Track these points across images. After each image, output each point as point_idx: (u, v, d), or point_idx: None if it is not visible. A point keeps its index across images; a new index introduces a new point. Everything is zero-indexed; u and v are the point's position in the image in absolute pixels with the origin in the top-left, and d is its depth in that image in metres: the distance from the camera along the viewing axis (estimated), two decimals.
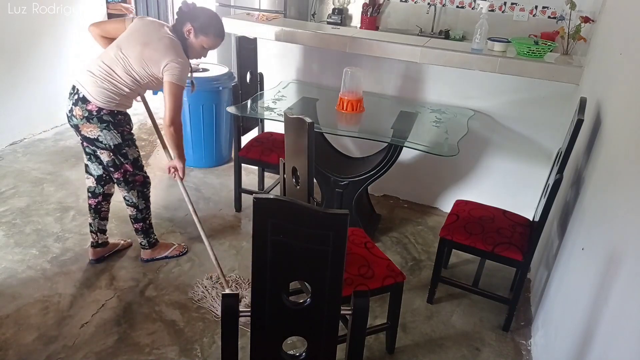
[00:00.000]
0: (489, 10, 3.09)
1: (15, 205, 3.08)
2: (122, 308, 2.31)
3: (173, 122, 2.22)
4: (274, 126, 3.03)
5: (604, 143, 1.89)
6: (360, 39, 2.96)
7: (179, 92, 2.19)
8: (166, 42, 2.18)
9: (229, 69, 3.72)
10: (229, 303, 1.33)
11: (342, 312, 1.34)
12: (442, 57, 2.79)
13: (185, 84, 2.22)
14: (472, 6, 4.64)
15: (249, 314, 1.34)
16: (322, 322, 1.35)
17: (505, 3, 4.49)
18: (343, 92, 2.75)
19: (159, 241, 2.67)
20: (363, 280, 1.90)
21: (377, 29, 4.92)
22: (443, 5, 4.74)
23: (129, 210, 2.51)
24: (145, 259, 2.62)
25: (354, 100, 2.73)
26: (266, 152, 2.97)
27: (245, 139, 3.10)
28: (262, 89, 3.21)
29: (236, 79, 3.01)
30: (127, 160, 2.33)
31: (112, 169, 2.34)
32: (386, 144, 2.63)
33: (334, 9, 5.03)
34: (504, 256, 2.18)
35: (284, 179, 2.12)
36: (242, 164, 3.08)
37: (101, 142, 2.24)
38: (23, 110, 3.98)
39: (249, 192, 3.12)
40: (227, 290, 2.52)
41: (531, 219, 2.39)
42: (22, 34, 3.84)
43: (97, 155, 2.34)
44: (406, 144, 2.47)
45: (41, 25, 3.94)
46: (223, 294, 1.34)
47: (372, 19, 4.88)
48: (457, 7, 4.70)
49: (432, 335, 2.28)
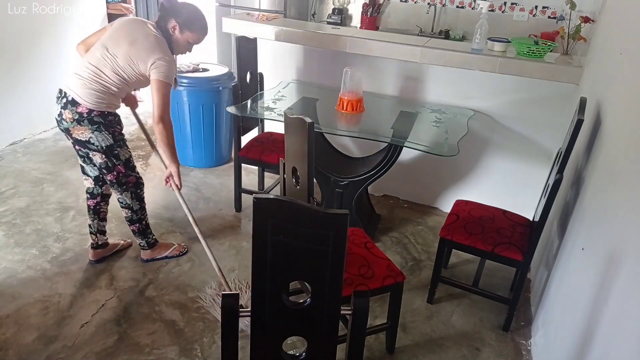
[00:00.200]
0: (489, 10, 3.08)
1: (15, 205, 3.08)
2: (122, 308, 2.31)
3: (162, 119, 2.22)
4: (274, 126, 3.03)
5: (604, 143, 1.89)
6: (360, 39, 2.96)
7: (166, 90, 2.20)
8: (152, 40, 2.19)
9: (229, 69, 3.72)
10: (229, 303, 1.33)
11: (342, 312, 1.34)
12: (442, 57, 2.79)
13: (172, 82, 2.23)
14: (472, 6, 4.64)
15: (249, 314, 1.34)
16: (322, 322, 1.35)
17: (505, 3, 4.49)
18: (343, 92, 2.75)
19: (158, 241, 2.67)
20: (363, 280, 1.90)
21: (377, 29, 4.92)
22: (443, 5, 4.73)
23: (123, 213, 2.52)
24: (145, 259, 2.62)
25: (354, 100, 2.73)
26: (266, 152, 2.97)
27: (245, 139, 3.10)
28: (262, 89, 3.21)
29: (236, 79, 3.01)
30: (119, 162, 2.33)
31: (105, 171, 2.34)
32: (386, 144, 2.63)
33: (334, 9, 5.03)
34: (504, 256, 2.18)
35: (284, 179, 2.12)
36: (242, 164, 3.08)
37: (93, 144, 2.23)
38: (23, 110, 3.98)
39: (249, 192, 3.12)
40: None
41: (531, 219, 2.39)
42: (22, 34, 3.84)
43: (91, 157, 2.34)
44: (406, 144, 2.47)
45: (41, 25, 3.94)
46: (223, 294, 1.34)
47: (372, 19, 4.88)
48: (457, 7, 4.70)
49: (432, 335, 2.28)
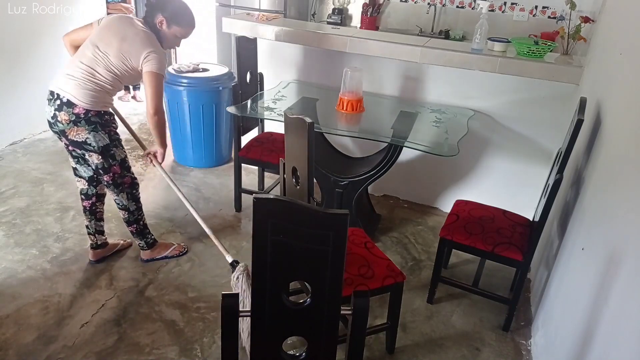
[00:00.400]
0: (489, 10, 3.08)
1: (15, 205, 3.08)
2: (122, 308, 2.31)
3: (157, 111, 2.27)
4: (274, 126, 3.03)
5: (604, 143, 1.89)
6: (360, 39, 2.95)
7: (160, 81, 2.24)
8: (142, 35, 2.22)
9: (229, 69, 3.72)
10: (229, 303, 1.33)
11: (342, 312, 1.34)
12: (442, 57, 2.79)
13: (164, 74, 2.27)
14: (472, 6, 4.63)
15: (249, 314, 1.34)
16: (322, 322, 1.35)
17: (505, 3, 4.49)
18: (343, 92, 2.75)
19: (158, 241, 2.67)
20: (363, 280, 1.90)
21: (377, 29, 4.92)
22: (443, 5, 4.73)
23: (121, 214, 2.51)
24: (144, 259, 2.62)
25: (354, 100, 2.73)
26: (266, 152, 2.97)
27: (245, 139, 3.10)
28: (262, 89, 3.21)
29: (236, 79, 3.01)
30: (115, 162, 2.33)
31: (101, 171, 2.33)
32: (386, 144, 2.63)
33: (334, 9, 5.03)
34: (504, 256, 2.18)
35: (284, 179, 2.12)
36: (242, 164, 3.08)
37: (89, 144, 2.23)
38: (23, 110, 3.97)
39: (249, 192, 3.12)
40: (228, 258, 2.44)
41: (531, 219, 2.39)
42: (22, 34, 3.84)
43: (86, 157, 2.34)
44: (406, 144, 2.47)
45: (41, 25, 3.94)
46: (223, 294, 1.34)
47: (372, 19, 4.87)
48: (457, 7, 4.69)
49: (432, 335, 2.28)
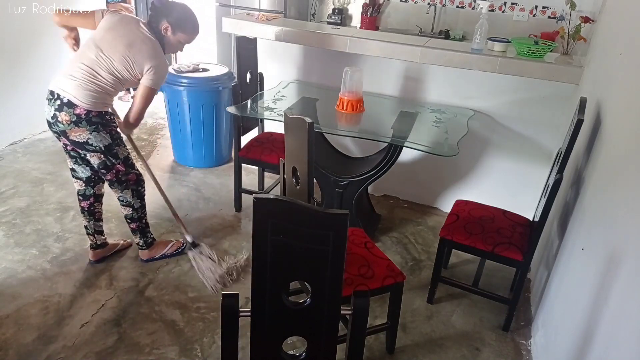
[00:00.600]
0: (489, 10, 3.08)
1: (15, 205, 3.08)
2: (122, 308, 2.31)
3: (137, 122, 2.33)
4: (274, 126, 3.03)
5: (604, 143, 1.89)
6: (360, 39, 2.95)
7: (152, 96, 2.29)
8: (148, 44, 2.22)
9: (229, 69, 3.72)
10: (229, 303, 1.33)
11: (342, 312, 1.34)
12: (442, 57, 2.79)
13: (159, 87, 2.30)
14: (472, 6, 4.63)
15: (249, 314, 1.34)
16: (322, 322, 1.35)
17: (505, 3, 4.49)
18: (343, 92, 2.75)
19: (156, 240, 2.67)
20: (363, 280, 1.90)
21: (377, 29, 4.91)
22: (443, 5, 4.73)
23: (124, 211, 2.51)
24: (144, 259, 2.62)
25: (354, 100, 2.73)
26: (266, 152, 2.97)
27: (245, 139, 3.10)
28: (262, 89, 3.21)
29: (236, 79, 3.01)
30: (118, 160, 2.33)
31: (103, 171, 2.33)
32: (386, 144, 2.63)
33: (334, 9, 5.03)
34: (504, 256, 2.18)
35: (284, 179, 2.12)
36: (242, 164, 3.08)
37: (91, 144, 2.22)
38: (23, 110, 3.98)
39: (249, 192, 3.12)
40: (187, 237, 2.68)
41: (531, 219, 2.39)
42: (22, 34, 3.84)
43: (84, 157, 2.35)
44: (406, 144, 2.47)
45: (41, 25, 3.93)
46: (223, 294, 1.34)
47: (372, 19, 4.87)
48: (457, 7, 4.69)
49: (432, 335, 2.28)
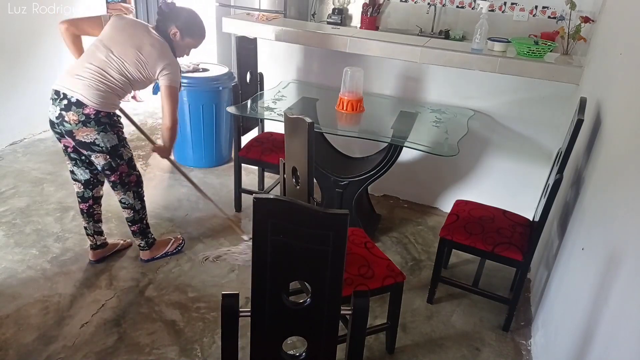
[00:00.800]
0: (489, 10, 3.08)
1: (15, 205, 3.08)
2: (122, 308, 2.31)
3: (174, 124, 2.36)
4: (274, 126, 3.03)
5: (604, 143, 1.89)
6: (360, 39, 2.95)
7: (177, 95, 2.33)
8: (158, 46, 2.25)
9: (229, 69, 3.72)
10: (229, 303, 1.33)
11: (342, 312, 1.34)
12: (442, 57, 2.79)
13: (179, 85, 2.34)
14: (472, 6, 4.63)
15: (249, 314, 1.34)
16: (322, 322, 1.35)
17: (505, 3, 4.49)
18: (343, 92, 2.75)
19: (156, 239, 2.67)
20: (363, 280, 1.90)
21: (377, 29, 4.92)
22: (443, 5, 4.73)
23: (125, 213, 2.51)
24: (144, 259, 2.62)
25: (354, 100, 2.73)
26: (266, 152, 2.97)
27: (245, 139, 3.10)
28: (262, 89, 3.21)
29: (236, 79, 3.01)
30: (122, 161, 2.33)
31: (108, 172, 2.33)
32: (386, 144, 2.63)
33: (334, 9, 5.03)
34: (504, 256, 2.18)
35: (284, 179, 2.12)
36: (242, 164, 3.08)
37: (98, 145, 2.22)
38: (23, 110, 3.98)
39: (249, 192, 3.12)
40: (244, 237, 2.77)
41: (531, 219, 2.39)
42: (22, 34, 3.84)
43: (84, 160, 2.35)
44: (406, 144, 2.47)
45: (41, 25, 3.93)
46: (223, 294, 1.34)
47: (372, 19, 4.88)
48: (457, 7, 4.70)
49: (432, 335, 2.28)
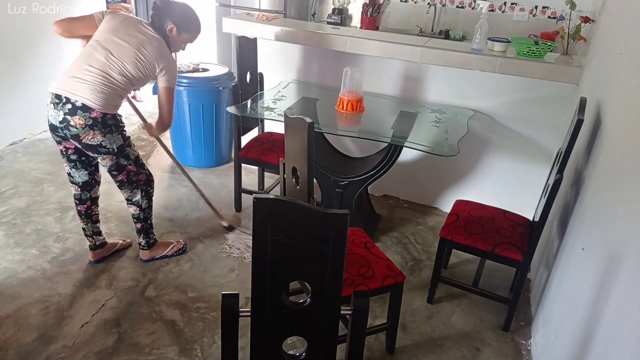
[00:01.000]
0: (489, 10, 3.09)
1: (15, 205, 3.08)
2: (122, 308, 2.31)
3: (171, 122, 2.40)
4: (274, 126, 3.03)
5: (604, 143, 1.89)
6: (360, 39, 2.95)
7: (172, 94, 2.39)
8: (156, 44, 2.26)
9: (229, 69, 3.72)
10: (229, 303, 1.33)
11: (342, 312, 1.34)
12: (442, 57, 2.79)
13: (175, 84, 2.37)
14: (472, 6, 4.63)
15: (249, 314, 1.34)
16: (322, 322, 1.35)
17: (505, 3, 4.49)
18: (343, 92, 2.75)
19: (157, 240, 2.67)
20: (363, 280, 1.90)
21: (377, 29, 4.92)
22: (443, 5, 4.73)
23: (131, 209, 2.50)
24: (144, 259, 2.62)
25: (354, 100, 2.73)
26: (266, 152, 2.97)
27: (245, 139, 3.10)
28: (262, 89, 3.21)
29: (236, 79, 3.01)
30: (129, 161, 2.34)
31: (115, 172, 2.33)
32: (386, 144, 2.63)
33: (334, 9, 5.03)
34: (504, 256, 2.18)
35: (284, 179, 2.12)
36: (242, 164, 3.08)
37: (104, 146, 2.22)
38: (23, 110, 3.98)
39: (249, 192, 3.12)
40: (224, 223, 2.87)
41: (531, 219, 2.39)
42: (22, 34, 3.84)
43: (84, 161, 2.35)
44: (406, 144, 2.47)
45: (41, 25, 3.93)
46: (223, 294, 1.34)
47: (372, 19, 4.88)
48: (457, 7, 4.70)
49: (432, 335, 2.28)
